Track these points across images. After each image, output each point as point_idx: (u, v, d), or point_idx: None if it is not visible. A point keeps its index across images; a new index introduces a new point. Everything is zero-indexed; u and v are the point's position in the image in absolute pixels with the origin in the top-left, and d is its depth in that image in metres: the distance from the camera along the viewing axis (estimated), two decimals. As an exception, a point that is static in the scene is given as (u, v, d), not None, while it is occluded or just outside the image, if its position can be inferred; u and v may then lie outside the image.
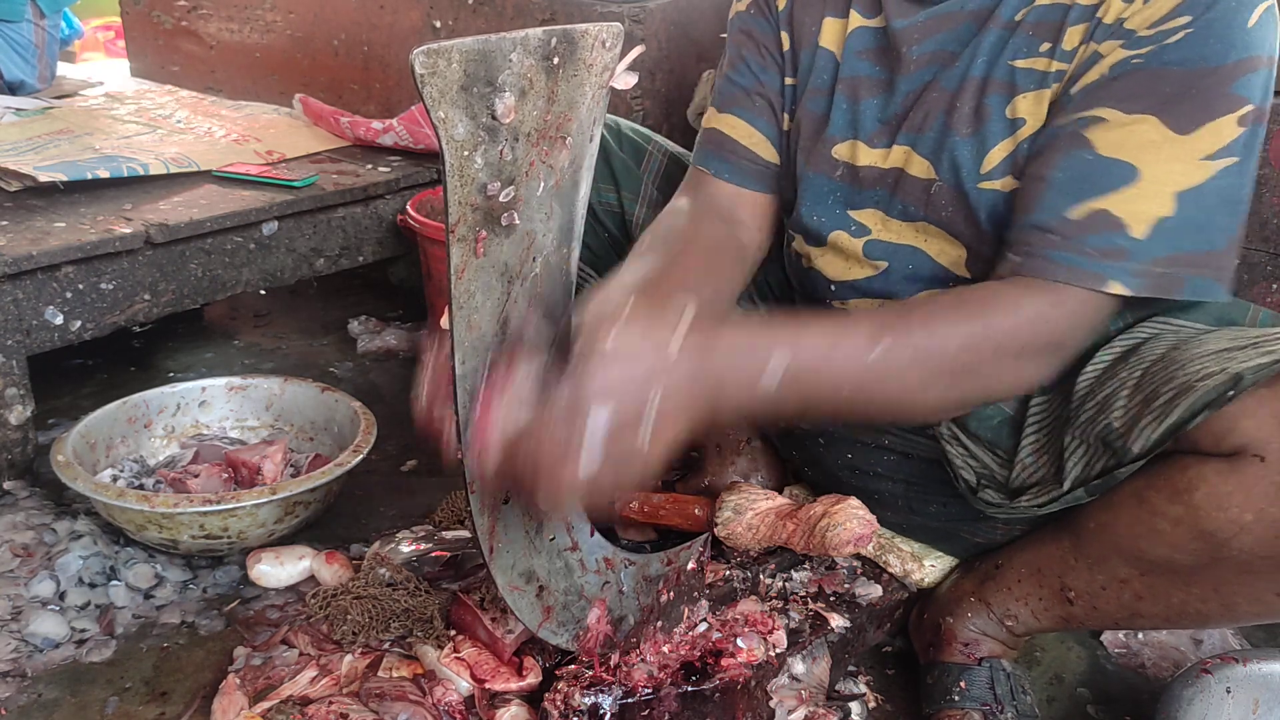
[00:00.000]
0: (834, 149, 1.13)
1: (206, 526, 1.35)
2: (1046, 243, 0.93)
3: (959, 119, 1.03)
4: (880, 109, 1.10)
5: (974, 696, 1.14)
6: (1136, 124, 0.91)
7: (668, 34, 1.94)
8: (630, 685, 1.03)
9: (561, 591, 1.03)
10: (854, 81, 1.12)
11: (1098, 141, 0.92)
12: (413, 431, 0.95)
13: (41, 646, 1.25)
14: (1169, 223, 0.90)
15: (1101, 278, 0.91)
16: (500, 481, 0.86)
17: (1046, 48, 0.98)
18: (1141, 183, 0.90)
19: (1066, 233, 0.92)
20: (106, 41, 4.23)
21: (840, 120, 1.13)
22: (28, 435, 1.60)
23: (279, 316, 2.36)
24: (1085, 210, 0.92)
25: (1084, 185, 0.92)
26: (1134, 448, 0.92)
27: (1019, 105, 1.00)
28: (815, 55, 1.15)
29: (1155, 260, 0.91)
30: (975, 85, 1.02)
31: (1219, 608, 0.97)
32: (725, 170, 1.21)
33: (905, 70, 1.08)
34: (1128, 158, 0.91)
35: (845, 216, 1.14)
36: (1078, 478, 0.98)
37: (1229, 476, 0.88)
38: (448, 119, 0.75)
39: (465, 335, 0.85)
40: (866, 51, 1.11)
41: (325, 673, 1.14)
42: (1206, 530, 0.90)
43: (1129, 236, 0.90)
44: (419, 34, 2.30)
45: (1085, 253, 0.91)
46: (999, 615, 1.15)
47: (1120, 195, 0.91)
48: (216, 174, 1.98)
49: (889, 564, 1.28)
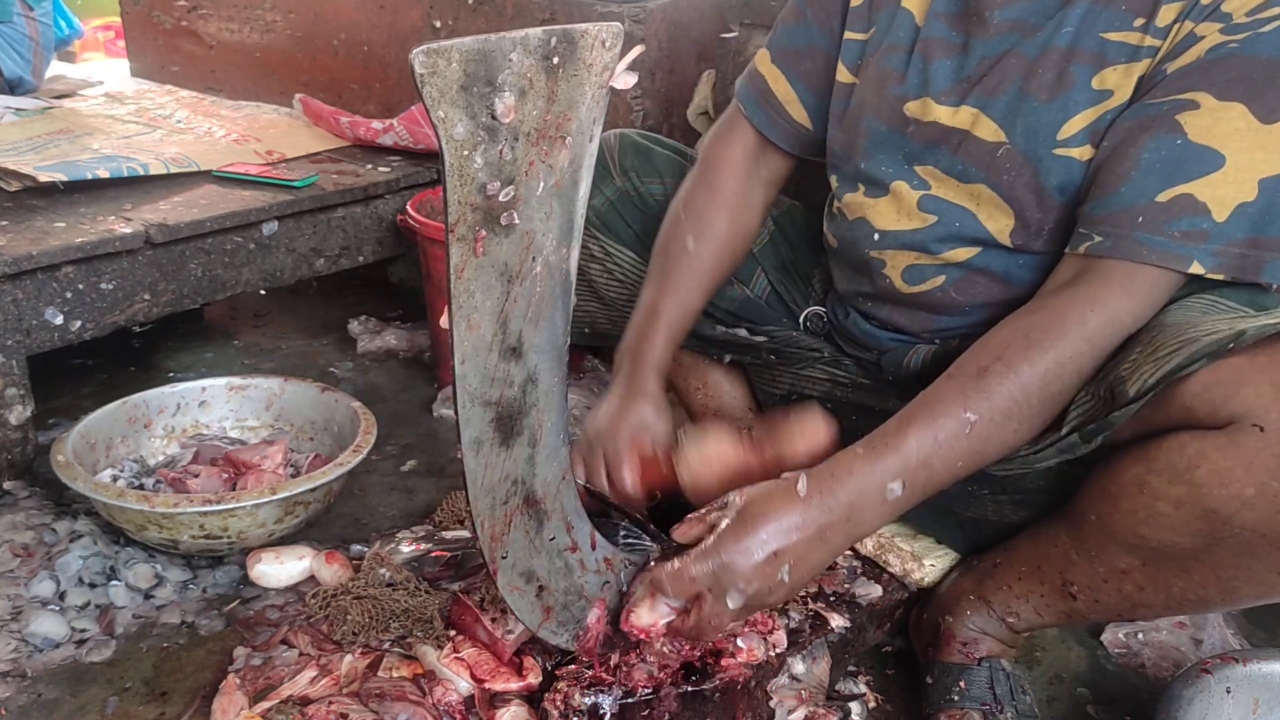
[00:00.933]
0: (906, 105, 1.15)
1: (206, 526, 1.35)
2: (1135, 225, 0.95)
3: (1038, 85, 1.04)
4: (954, 70, 1.12)
5: (974, 696, 1.14)
6: (1227, 111, 0.93)
7: (668, 34, 1.94)
8: (630, 685, 1.03)
9: (561, 591, 1.03)
10: (931, 43, 1.14)
11: (1189, 127, 0.94)
12: (413, 431, 0.96)
13: (41, 646, 1.25)
14: (1250, 207, 0.93)
15: (1185, 259, 0.94)
16: None
17: (1140, 22, 0.99)
18: (1228, 169, 0.93)
19: (1153, 215, 0.95)
20: (106, 41, 4.23)
21: (915, 78, 1.15)
22: (28, 435, 1.60)
23: (279, 316, 2.36)
24: (1172, 195, 0.94)
25: (1173, 170, 0.94)
26: (1130, 390, 0.93)
27: (1108, 77, 1.01)
28: (896, 13, 1.18)
29: (1234, 242, 0.94)
30: (1059, 54, 1.03)
31: (1219, 592, 0.97)
32: (759, 118, 1.31)
33: (984, 34, 1.09)
34: (1216, 145, 0.93)
35: (908, 170, 1.16)
36: (1074, 425, 0.98)
37: (1229, 451, 0.88)
38: (447, 118, 0.75)
39: (465, 335, 0.85)
40: (946, 15, 1.13)
41: (325, 673, 1.14)
42: (1209, 509, 0.90)
43: (1211, 220, 0.93)
44: (419, 34, 2.30)
45: (1170, 235, 0.94)
46: (999, 613, 1.15)
47: (1206, 182, 0.93)
48: (216, 174, 1.98)
49: (889, 564, 1.28)
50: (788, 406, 1.26)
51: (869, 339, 1.27)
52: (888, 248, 1.18)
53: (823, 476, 0.97)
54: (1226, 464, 0.88)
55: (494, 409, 0.90)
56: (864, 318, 1.27)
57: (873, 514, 0.98)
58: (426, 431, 1.83)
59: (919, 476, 0.97)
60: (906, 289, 1.18)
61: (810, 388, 1.37)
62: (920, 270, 1.16)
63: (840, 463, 0.98)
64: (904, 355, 1.23)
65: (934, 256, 1.15)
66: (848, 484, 0.97)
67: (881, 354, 1.26)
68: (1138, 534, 0.97)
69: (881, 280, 1.20)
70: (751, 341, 1.37)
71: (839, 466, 0.98)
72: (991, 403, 0.96)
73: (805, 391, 1.37)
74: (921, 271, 1.16)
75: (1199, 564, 0.96)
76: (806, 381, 1.37)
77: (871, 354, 1.28)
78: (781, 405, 1.41)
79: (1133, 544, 0.99)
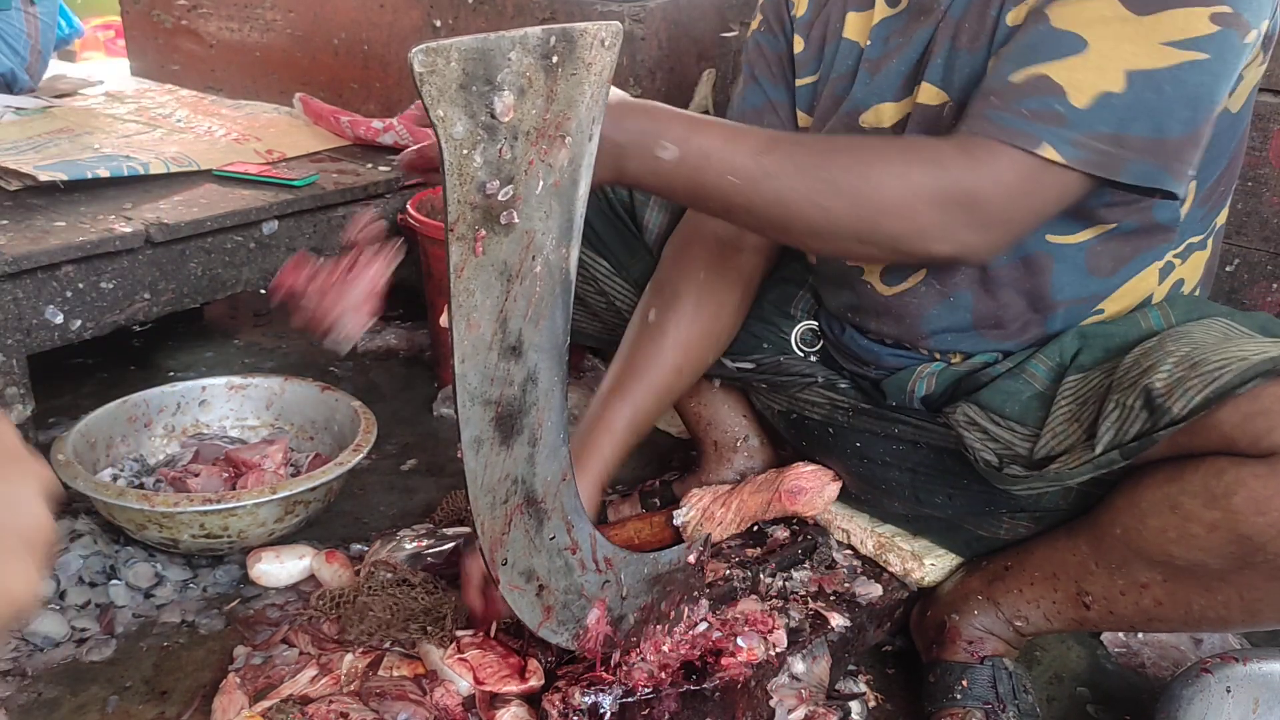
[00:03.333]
0: (860, 118, 1.13)
1: (206, 526, 1.35)
2: (986, 105, 0.92)
3: (966, 38, 1.03)
4: (899, 66, 1.10)
5: (976, 695, 1.14)
6: (1093, 1, 0.89)
7: (668, 34, 1.93)
8: (630, 685, 1.03)
9: (561, 591, 1.02)
10: (876, 60, 1.13)
11: (1054, 15, 0.91)
12: (413, 431, 0.96)
13: (42, 645, 1.25)
14: (1115, 99, 0.88)
15: (1034, 139, 0.88)
16: None
17: None
18: (1088, 54, 0.89)
19: (1005, 94, 0.91)
20: (106, 41, 4.23)
21: (861, 91, 1.13)
22: (28, 434, 1.60)
23: (279, 316, 2.36)
24: (1026, 75, 0.90)
25: (1029, 53, 0.91)
26: (1174, 408, 0.90)
27: (1020, 13, 0.98)
28: (839, 46, 1.16)
29: (1096, 135, 0.88)
30: (979, 3, 1.02)
31: (1241, 614, 0.97)
32: None
33: (929, 22, 1.07)
34: (1078, 30, 0.89)
35: None
36: (1111, 440, 0.95)
37: (1269, 480, 0.87)
38: (447, 117, 0.74)
39: (465, 334, 0.85)
40: (891, 35, 1.12)
41: (325, 672, 1.14)
42: (1244, 534, 0.89)
43: (1067, 103, 0.88)
44: (419, 33, 2.29)
45: (1019, 113, 0.89)
46: (1008, 615, 1.15)
47: (1064, 64, 0.89)
48: (217, 173, 1.98)
49: (889, 563, 1.28)
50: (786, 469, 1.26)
51: (866, 354, 1.23)
52: None
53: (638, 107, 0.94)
54: (1266, 493, 0.87)
55: (494, 408, 0.90)
56: (858, 331, 1.23)
57: (637, 161, 0.92)
58: (426, 431, 1.83)
59: (690, 160, 0.91)
60: (888, 290, 1.15)
61: (810, 410, 1.32)
62: (899, 270, 1.14)
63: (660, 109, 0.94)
64: (907, 380, 1.18)
65: None
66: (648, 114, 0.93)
67: (878, 367, 1.22)
68: (1165, 551, 0.96)
69: (863, 287, 1.17)
70: (737, 371, 1.33)
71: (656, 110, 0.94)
72: (795, 154, 0.91)
73: (805, 414, 1.33)
74: (900, 270, 1.14)
75: (1225, 585, 0.95)
76: (805, 405, 1.32)
77: (871, 370, 1.23)
78: (783, 419, 1.39)
79: (1159, 561, 0.98)
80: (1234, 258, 1.47)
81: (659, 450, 1.79)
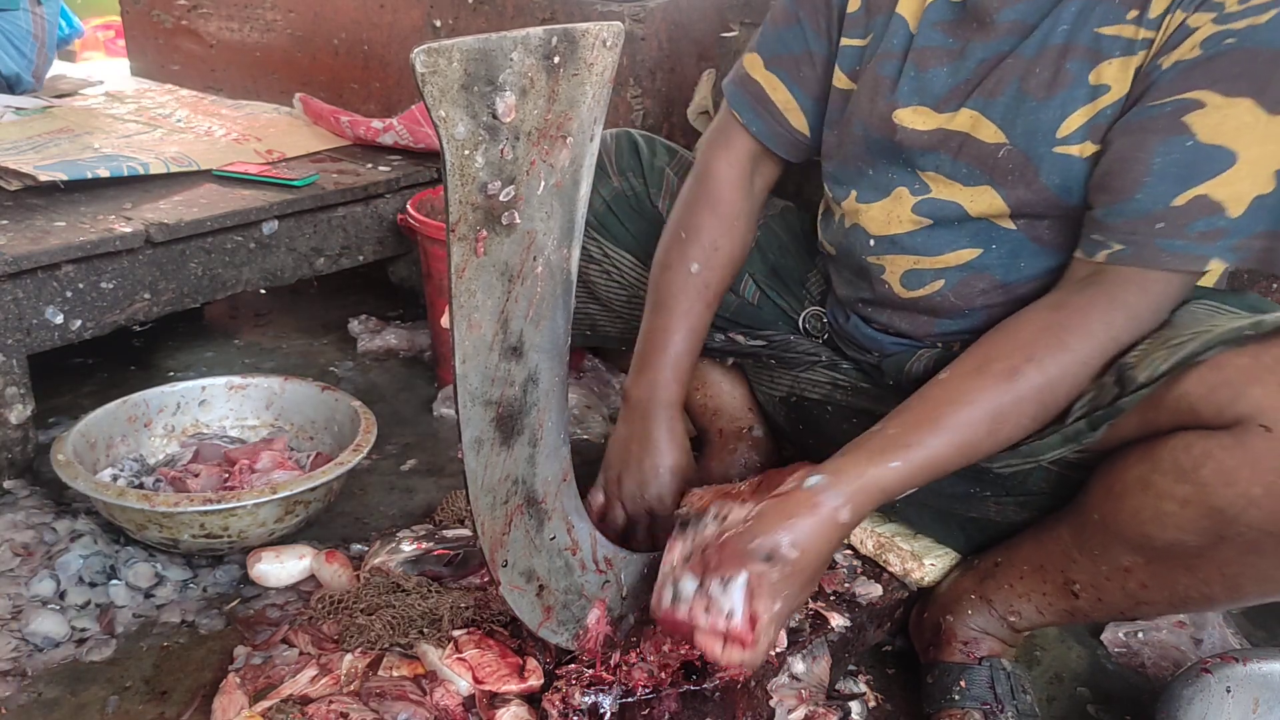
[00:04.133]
0: (895, 113, 1.14)
1: (207, 526, 1.35)
2: (1154, 232, 0.95)
3: (1036, 84, 1.04)
4: (949, 76, 1.11)
5: (974, 695, 1.14)
6: (1233, 107, 0.92)
7: (668, 34, 1.93)
8: (630, 685, 1.03)
9: (561, 591, 1.03)
10: (925, 51, 1.13)
11: (1197, 127, 0.93)
12: (413, 431, 0.96)
13: (42, 645, 1.25)
14: (1267, 199, 0.92)
15: (1204, 259, 0.94)
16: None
17: (1134, 15, 0.99)
18: (1240, 165, 0.92)
19: (1171, 219, 0.94)
20: (106, 41, 4.23)
21: (907, 87, 1.14)
22: (28, 434, 1.60)
23: (279, 316, 2.36)
24: (1188, 198, 0.94)
25: (1187, 172, 0.94)
26: (1140, 377, 0.93)
27: (1104, 71, 1.01)
28: (890, 20, 1.16)
29: (1254, 235, 0.93)
30: (1056, 51, 1.03)
31: (1224, 590, 0.97)
32: (756, 125, 1.27)
33: (984, 37, 1.08)
34: (1226, 143, 0.92)
35: (909, 173, 1.15)
36: (1081, 413, 0.98)
37: (1235, 451, 0.88)
38: (448, 118, 0.75)
39: (465, 335, 0.85)
40: (941, 23, 1.12)
41: (325, 672, 1.14)
42: (1215, 507, 0.90)
43: (1226, 217, 0.93)
44: (419, 33, 2.30)
45: (1189, 237, 0.94)
46: (1001, 612, 1.15)
47: (1220, 181, 0.93)
48: (217, 173, 1.98)
49: (889, 563, 1.28)
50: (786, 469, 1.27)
51: (870, 342, 1.27)
52: (885, 253, 1.18)
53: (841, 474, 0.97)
54: (1233, 463, 0.88)
55: (495, 408, 0.90)
56: (864, 321, 1.27)
57: (868, 509, 0.98)
58: (426, 431, 1.83)
59: (922, 475, 0.97)
60: (906, 294, 1.18)
61: (810, 390, 1.36)
62: (919, 275, 1.16)
63: (856, 461, 0.97)
64: (906, 361, 1.22)
65: (933, 260, 1.14)
66: (857, 482, 0.96)
67: (883, 357, 1.26)
68: (1143, 532, 0.97)
69: (880, 286, 1.20)
70: (750, 347, 1.37)
71: (856, 466, 0.97)
72: (1020, 405, 0.96)
73: (805, 394, 1.37)
74: (920, 276, 1.16)
75: (1204, 561, 0.96)
76: (806, 384, 1.37)
77: (873, 356, 1.27)
78: (782, 406, 1.42)
79: (1137, 542, 0.99)
80: (1234, 258, 1.47)
81: (659, 450, 1.79)
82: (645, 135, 1.44)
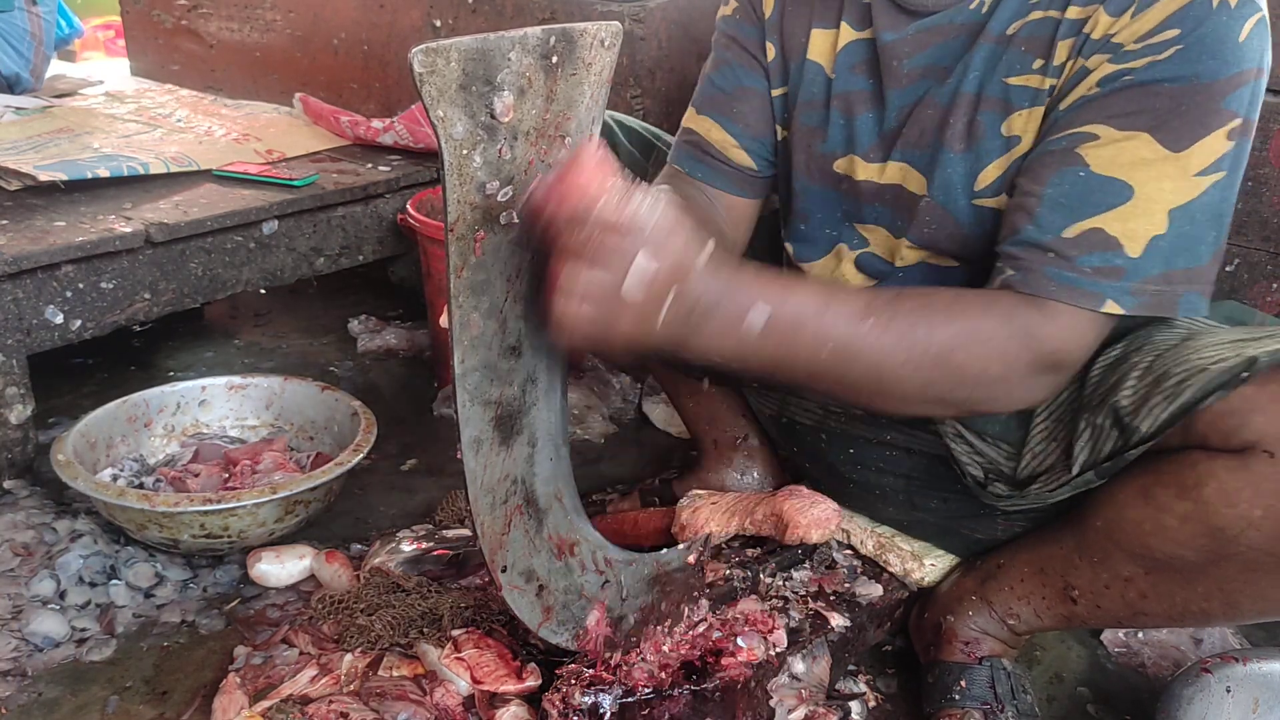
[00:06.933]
0: (835, 164, 1.13)
1: (207, 526, 1.35)
2: (1044, 260, 0.92)
3: (952, 135, 1.03)
4: (875, 123, 1.10)
5: (974, 695, 1.14)
6: (1129, 141, 0.90)
7: (668, 33, 1.93)
8: (630, 685, 1.03)
9: (561, 591, 1.03)
10: (848, 96, 1.11)
11: (1091, 159, 0.91)
12: (413, 430, 0.96)
13: (42, 645, 1.25)
14: (1162, 241, 0.89)
15: (1099, 297, 0.91)
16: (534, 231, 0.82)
17: (1039, 64, 0.97)
18: (1136, 201, 0.90)
19: (1063, 251, 0.92)
20: (106, 40, 4.23)
21: (837, 135, 1.12)
22: (28, 434, 1.60)
23: (279, 316, 2.36)
24: (1080, 230, 0.91)
25: (1079, 204, 0.92)
26: (1142, 426, 0.92)
27: (1014, 123, 0.99)
28: (804, 68, 1.14)
29: (1149, 279, 0.90)
30: (968, 101, 1.02)
31: (1222, 606, 0.97)
32: (700, 171, 1.22)
33: (897, 84, 1.07)
34: (1122, 176, 0.90)
35: (848, 228, 1.15)
36: (1086, 460, 0.97)
37: (1238, 473, 0.88)
38: (446, 118, 0.75)
39: (464, 334, 0.85)
40: (859, 65, 1.10)
41: (325, 672, 1.14)
42: (1215, 526, 0.90)
43: (1125, 255, 0.90)
44: (419, 33, 2.30)
45: (1081, 271, 0.91)
46: (1000, 614, 1.15)
47: (1115, 214, 0.90)
48: (217, 173, 1.98)
49: (889, 563, 1.28)
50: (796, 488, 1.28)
51: None
52: None
53: (725, 262, 0.86)
54: (1235, 485, 0.88)
55: (494, 408, 0.90)
56: None
57: (718, 329, 0.86)
58: (426, 431, 1.83)
59: (783, 329, 0.87)
60: None
61: (802, 416, 1.31)
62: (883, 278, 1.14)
63: (745, 267, 0.88)
64: None
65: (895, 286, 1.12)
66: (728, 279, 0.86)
67: None
68: (1143, 544, 0.97)
69: None
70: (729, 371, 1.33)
71: (742, 269, 0.88)
72: (893, 319, 0.90)
73: (796, 418, 1.32)
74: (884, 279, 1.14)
75: (1203, 577, 0.96)
76: (797, 410, 1.32)
77: None
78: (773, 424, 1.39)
79: (1138, 553, 0.99)
80: (1234, 258, 1.47)
81: (659, 450, 1.79)
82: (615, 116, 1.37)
